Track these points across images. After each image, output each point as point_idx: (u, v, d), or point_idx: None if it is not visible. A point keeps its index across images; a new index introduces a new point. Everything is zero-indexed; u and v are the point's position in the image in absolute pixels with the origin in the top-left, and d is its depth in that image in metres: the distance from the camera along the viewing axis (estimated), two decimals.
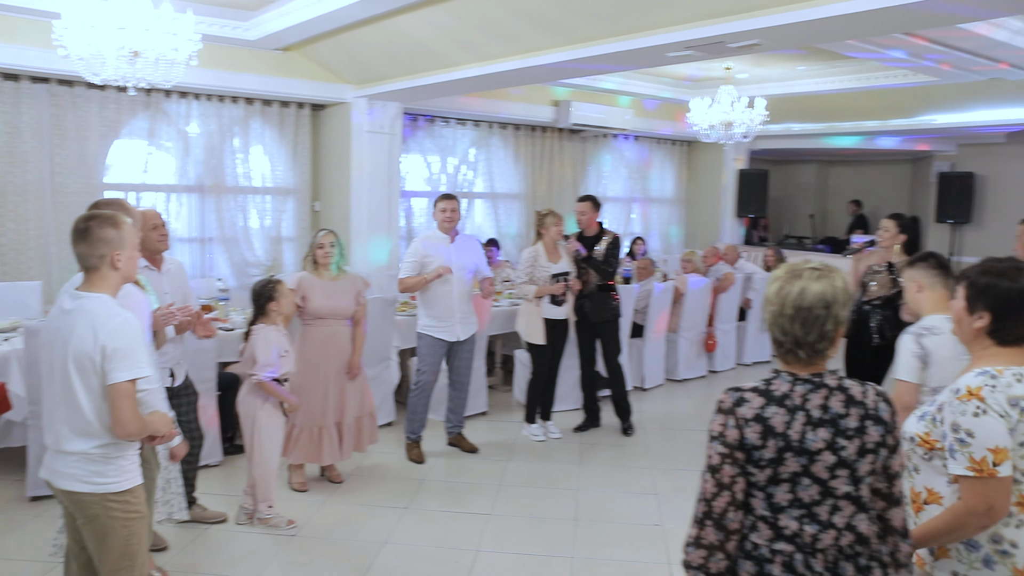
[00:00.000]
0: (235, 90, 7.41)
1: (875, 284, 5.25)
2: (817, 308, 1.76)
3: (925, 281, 3.21)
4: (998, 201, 10.83)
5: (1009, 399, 2.01)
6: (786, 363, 1.84)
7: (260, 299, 4.25)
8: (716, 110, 8.32)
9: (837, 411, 1.76)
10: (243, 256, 7.86)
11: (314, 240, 4.79)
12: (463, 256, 5.37)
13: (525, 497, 4.77)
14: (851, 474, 1.77)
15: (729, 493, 1.77)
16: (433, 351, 5.33)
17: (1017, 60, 7.14)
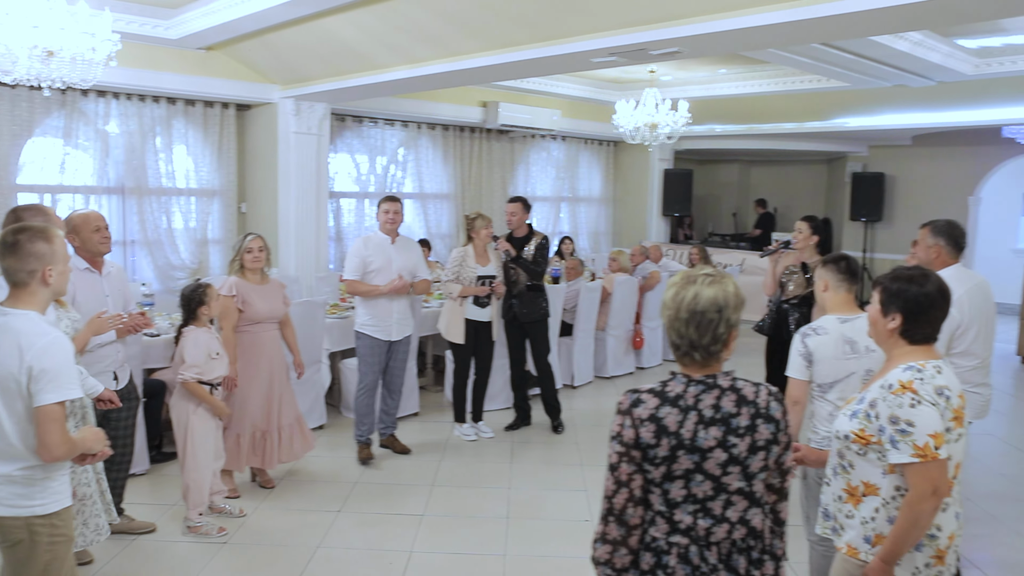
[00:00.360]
0: (156, 90, 7.24)
1: (792, 284, 5.47)
2: (710, 312, 1.87)
3: (832, 282, 3.41)
4: (906, 200, 11.40)
5: (936, 388, 2.20)
6: (683, 365, 1.94)
7: (190, 303, 4.22)
8: (641, 112, 8.53)
9: (728, 410, 1.87)
10: (167, 259, 7.69)
11: (241, 244, 4.73)
12: (404, 258, 5.41)
13: (458, 497, 4.84)
14: (743, 470, 1.88)
15: (627, 490, 1.87)
16: (372, 351, 5.35)
17: (918, 69, 7.54)
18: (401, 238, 5.48)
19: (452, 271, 5.74)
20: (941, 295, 2.31)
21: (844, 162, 12.07)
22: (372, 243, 5.37)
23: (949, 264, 3.78)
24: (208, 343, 4.17)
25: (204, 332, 4.18)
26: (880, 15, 4.14)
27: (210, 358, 4.16)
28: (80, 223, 3.96)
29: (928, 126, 9.46)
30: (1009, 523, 4.59)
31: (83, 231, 3.94)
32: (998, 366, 8.91)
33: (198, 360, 4.10)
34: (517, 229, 6.00)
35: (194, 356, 4.11)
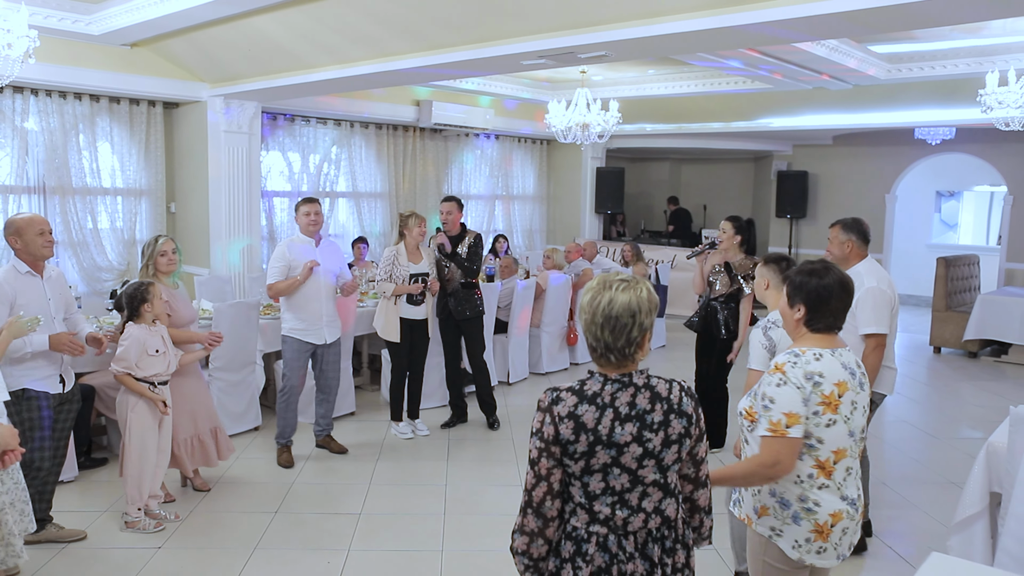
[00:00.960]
0: (78, 86, 7.06)
1: (719, 283, 5.65)
2: (624, 317, 1.97)
3: (773, 281, 3.60)
4: (828, 197, 11.86)
5: (806, 373, 2.38)
6: (600, 365, 2.05)
7: (133, 301, 4.19)
8: (573, 112, 8.67)
9: (643, 407, 1.97)
10: (94, 260, 7.51)
11: (154, 248, 4.57)
12: (328, 260, 5.40)
13: (395, 495, 4.88)
14: (657, 463, 1.99)
15: (546, 484, 1.97)
16: (299, 355, 5.33)
17: (836, 72, 7.87)
18: (324, 240, 5.45)
19: (385, 270, 5.77)
20: (841, 287, 2.49)
21: (770, 161, 12.48)
22: (295, 247, 5.30)
23: (863, 257, 4.03)
24: (145, 339, 4.14)
25: (141, 329, 4.16)
26: (799, 23, 4.34)
27: (146, 354, 4.13)
28: (23, 226, 3.91)
29: (846, 127, 9.88)
30: (922, 505, 4.87)
31: (26, 234, 3.89)
32: (913, 355, 9.38)
33: (128, 354, 4.10)
34: (451, 228, 6.05)
35: (123, 350, 4.11)
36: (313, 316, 5.28)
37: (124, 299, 4.25)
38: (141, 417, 4.16)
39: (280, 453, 5.37)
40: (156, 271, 4.55)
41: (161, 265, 4.55)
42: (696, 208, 13.53)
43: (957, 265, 9.72)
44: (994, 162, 10.64)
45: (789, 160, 12.23)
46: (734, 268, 5.58)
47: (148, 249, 4.59)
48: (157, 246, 4.56)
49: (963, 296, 9.74)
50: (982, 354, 9.35)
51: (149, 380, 4.16)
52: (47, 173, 7.22)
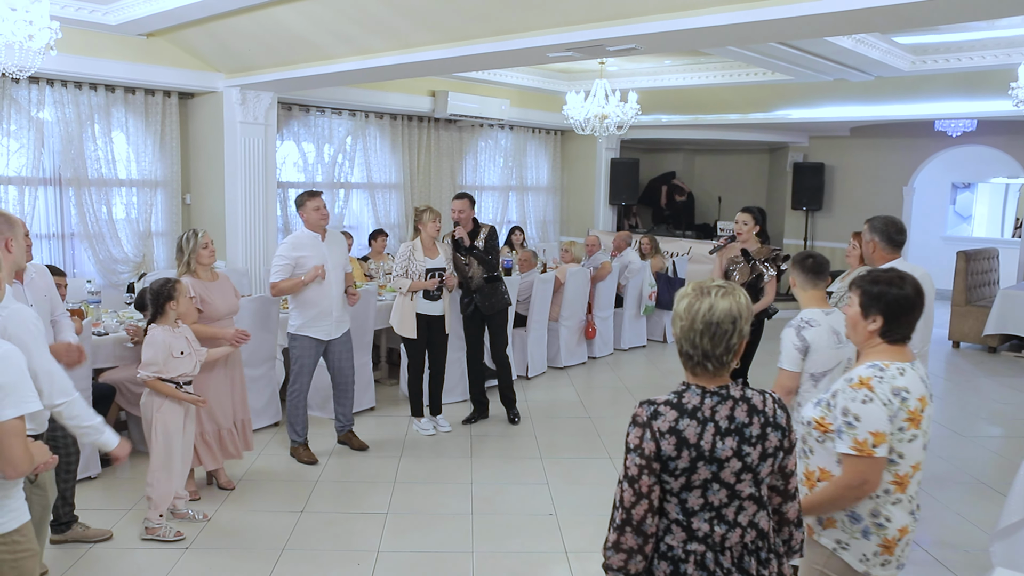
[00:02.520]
0: (94, 77, 6.98)
1: (737, 274, 5.59)
2: (725, 323, 1.92)
3: (799, 280, 3.55)
4: (845, 189, 11.75)
5: (892, 389, 2.29)
6: (694, 375, 1.99)
7: (159, 298, 4.10)
8: (591, 103, 8.57)
9: (742, 420, 1.94)
10: (110, 252, 7.45)
11: (195, 242, 4.54)
12: (337, 253, 5.32)
13: (420, 494, 4.83)
14: (754, 477, 1.95)
15: (647, 501, 1.92)
16: (309, 352, 5.25)
17: (859, 64, 7.76)
18: (330, 233, 5.36)
19: (400, 265, 5.69)
20: (918, 296, 2.41)
21: (786, 152, 12.36)
22: (302, 243, 5.19)
23: (888, 259, 3.92)
24: (169, 342, 4.07)
25: (167, 331, 4.09)
26: (834, 18, 4.26)
27: (171, 356, 4.06)
28: None
29: (866, 119, 9.76)
30: (951, 505, 4.81)
31: None
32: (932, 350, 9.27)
33: (155, 359, 4.02)
34: (465, 224, 5.96)
35: (150, 355, 4.03)
36: (322, 313, 5.20)
37: (149, 296, 4.16)
38: (168, 418, 4.10)
39: (297, 451, 5.32)
40: (199, 264, 4.51)
41: (204, 258, 4.53)
42: (711, 199, 13.41)
43: (977, 259, 9.63)
44: (1016, 154, 10.51)
45: (805, 152, 12.11)
46: (752, 254, 5.51)
47: (188, 244, 4.52)
48: (199, 240, 4.52)
49: (983, 290, 9.65)
50: (1002, 349, 9.27)
51: (175, 381, 4.09)
52: (63, 164, 7.16)
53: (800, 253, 3.69)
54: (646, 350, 9.00)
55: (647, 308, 8.95)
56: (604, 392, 7.29)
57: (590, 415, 6.51)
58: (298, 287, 5.12)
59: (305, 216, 5.22)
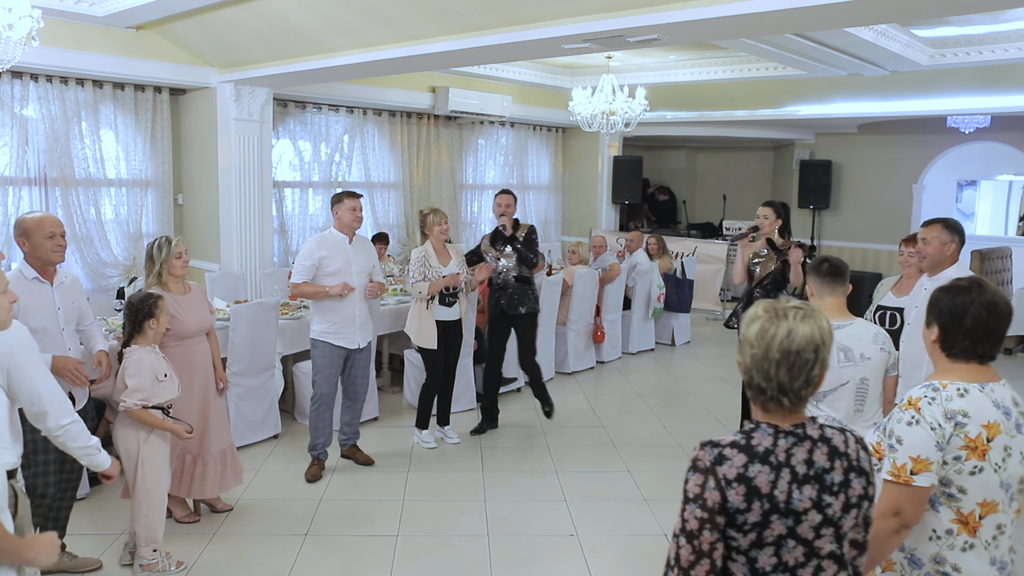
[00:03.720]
0: (80, 71, 6.64)
1: (760, 267, 5.37)
2: (806, 352, 1.64)
3: (816, 287, 3.28)
4: (853, 187, 11.50)
5: (946, 412, 2.02)
6: (766, 411, 1.71)
7: (137, 315, 3.72)
8: (598, 99, 8.30)
9: (822, 465, 1.65)
10: (98, 255, 7.12)
11: (168, 252, 4.10)
12: (363, 259, 5.04)
13: (432, 513, 4.54)
14: (835, 532, 1.66)
15: (708, 561, 1.63)
16: (332, 360, 4.95)
17: (877, 58, 7.51)
18: (357, 237, 5.08)
19: (418, 271, 5.37)
20: (986, 308, 2.11)
21: (791, 149, 12.11)
22: (329, 243, 4.92)
23: (956, 262, 3.72)
24: (153, 364, 3.70)
25: (148, 352, 3.72)
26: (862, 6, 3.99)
27: (156, 380, 3.69)
28: (32, 227, 3.56)
29: (878, 115, 9.50)
30: None
31: (34, 236, 3.54)
32: None
33: (143, 384, 3.63)
34: (509, 222, 5.76)
35: (138, 380, 3.63)
36: (346, 319, 4.91)
37: (126, 312, 3.79)
38: (156, 450, 3.73)
39: (311, 466, 5.01)
40: (170, 276, 4.11)
41: (177, 268, 4.12)
42: (714, 197, 13.15)
43: (991, 258, 9.38)
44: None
45: (812, 149, 11.85)
46: (776, 244, 5.28)
47: (161, 252, 4.09)
48: (172, 248, 4.10)
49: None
50: (1017, 350, 9.05)
51: (160, 407, 3.71)
52: (48, 163, 6.82)
53: (816, 259, 3.41)
54: (654, 354, 8.73)
55: (655, 310, 8.68)
56: (615, 399, 7.01)
57: (603, 424, 6.24)
58: (320, 296, 4.86)
59: (339, 215, 4.94)
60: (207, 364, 4.23)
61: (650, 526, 4.42)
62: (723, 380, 7.71)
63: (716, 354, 8.85)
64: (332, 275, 4.86)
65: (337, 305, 4.87)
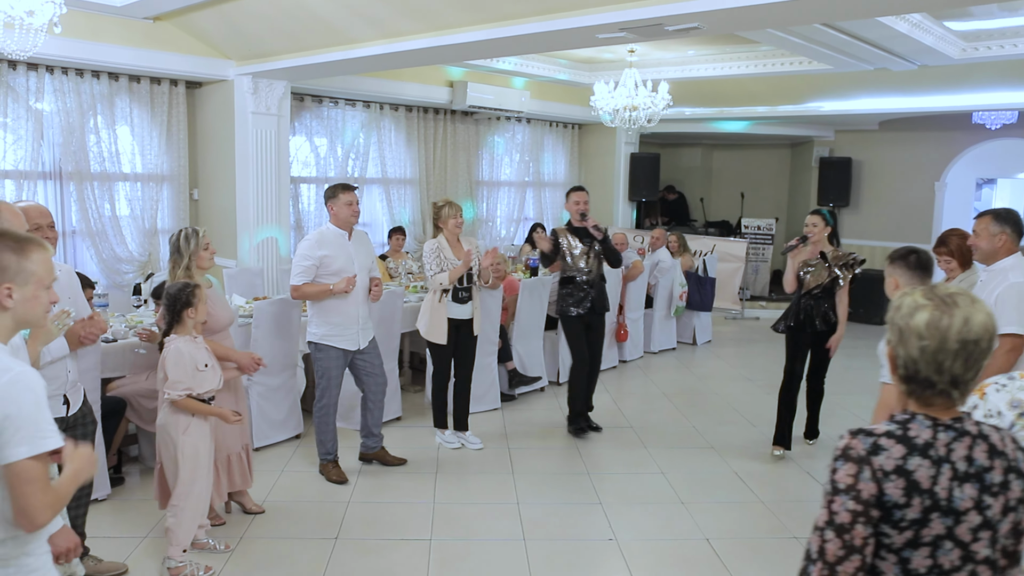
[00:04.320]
0: (96, 63, 6.50)
1: (810, 276, 5.37)
2: (984, 341, 1.53)
3: (902, 279, 3.13)
4: (873, 185, 11.35)
5: (1012, 401, 1.96)
6: (925, 404, 1.58)
7: (176, 305, 3.60)
8: (620, 94, 8.15)
9: (982, 463, 1.52)
10: (113, 251, 6.99)
11: (196, 243, 3.97)
12: (364, 254, 4.84)
13: (464, 517, 4.39)
14: (992, 536, 1.53)
15: (860, 557, 1.50)
16: (336, 363, 4.76)
17: (907, 52, 7.35)
18: (356, 232, 4.85)
19: (435, 262, 5.20)
20: None
21: (810, 146, 11.95)
22: (327, 240, 4.67)
23: (1012, 252, 3.58)
24: (192, 354, 3.59)
25: (187, 342, 3.61)
26: None
27: (196, 371, 3.57)
28: None
29: (903, 111, 9.35)
30: None
31: None
32: None
33: (182, 376, 3.53)
34: (578, 221, 5.65)
35: (176, 372, 3.53)
36: (348, 320, 4.70)
37: (165, 302, 3.66)
38: (196, 440, 3.60)
39: (328, 469, 4.85)
40: (198, 268, 3.97)
41: (204, 261, 4.00)
42: (731, 195, 12.99)
43: None
44: None
45: (831, 146, 11.70)
46: (829, 258, 5.31)
47: (189, 243, 3.96)
48: (200, 239, 3.97)
49: None
50: None
51: (201, 398, 3.60)
52: (63, 157, 6.69)
53: (900, 249, 3.27)
54: (676, 353, 8.58)
55: (677, 309, 8.53)
56: (640, 399, 6.86)
57: (631, 424, 6.09)
58: (324, 295, 4.63)
59: (335, 210, 4.71)
60: None
61: (689, 530, 4.27)
62: (748, 380, 7.56)
63: (738, 353, 8.70)
64: (334, 274, 4.63)
65: (339, 305, 4.66)
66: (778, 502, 4.65)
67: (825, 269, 5.29)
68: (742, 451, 5.54)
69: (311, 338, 4.79)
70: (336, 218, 4.73)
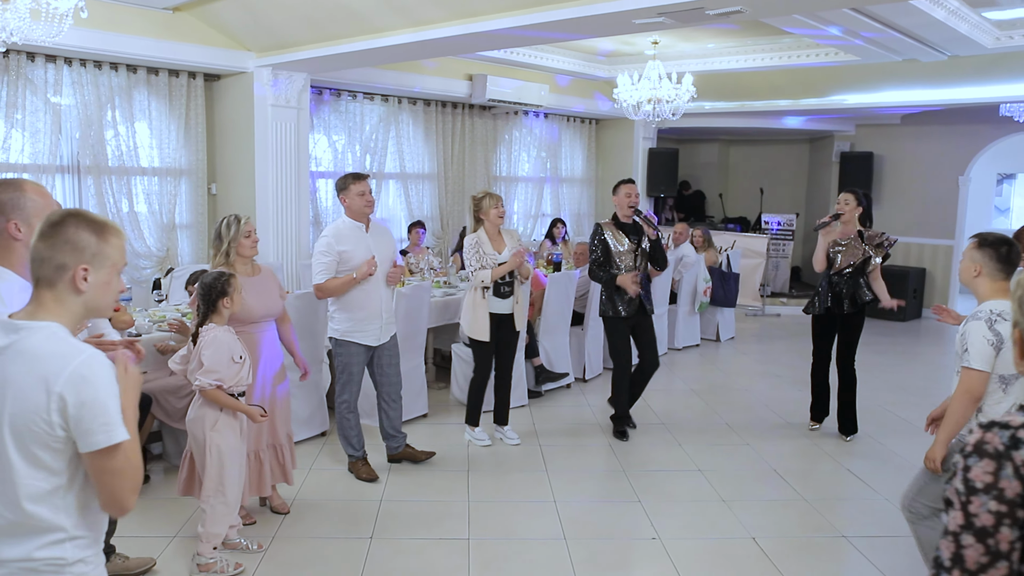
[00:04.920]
0: (114, 55, 6.39)
1: (841, 256, 5.33)
2: None
3: (987, 268, 2.98)
4: (895, 180, 11.18)
5: None
6: None
7: (211, 294, 3.50)
8: (644, 86, 8.01)
9: None
10: (131, 246, 6.87)
11: (236, 229, 3.87)
12: (384, 247, 4.68)
13: (501, 515, 4.26)
14: None
15: (1007, 564, 1.35)
16: (358, 360, 4.61)
17: (940, 40, 7.20)
18: (374, 224, 4.67)
19: (475, 259, 5.08)
20: None
21: (830, 141, 11.78)
22: (344, 235, 4.51)
23: None
24: (230, 344, 3.48)
25: (225, 331, 3.50)
26: None
27: (232, 362, 3.46)
28: None
29: (932, 103, 9.16)
30: None
31: None
32: None
33: (219, 364, 3.41)
34: (626, 216, 5.54)
35: (214, 359, 3.41)
36: (371, 314, 4.56)
37: (200, 291, 3.56)
38: (225, 436, 3.48)
39: (356, 467, 4.72)
40: (238, 256, 3.87)
41: (245, 248, 3.88)
42: (749, 192, 12.83)
43: None
44: None
45: (852, 140, 11.53)
46: (865, 237, 5.28)
47: (230, 230, 3.85)
48: (241, 227, 3.86)
49: None
50: None
51: (232, 392, 3.49)
52: (81, 151, 6.58)
53: (992, 235, 3.09)
54: (700, 349, 8.44)
55: (701, 305, 8.39)
56: (669, 396, 6.72)
57: (663, 421, 5.96)
58: (349, 286, 4.48)
59: (348, 202, 4.54)
60: (274, 353, 3.96)
61: (734, 528, 4.13)
62: (776, 376, 7.41)
63: (763, 350, 8.56)
64: (355, 270, 4.48)
65: (362, 299, 4.52)
66: (822, 500, 4.51)
67: (859, 248, 5.24)
68: (778, 448, 5.40)
69: (332, 334, 4.66)
70: (350, 210, 4.58)
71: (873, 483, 4.78)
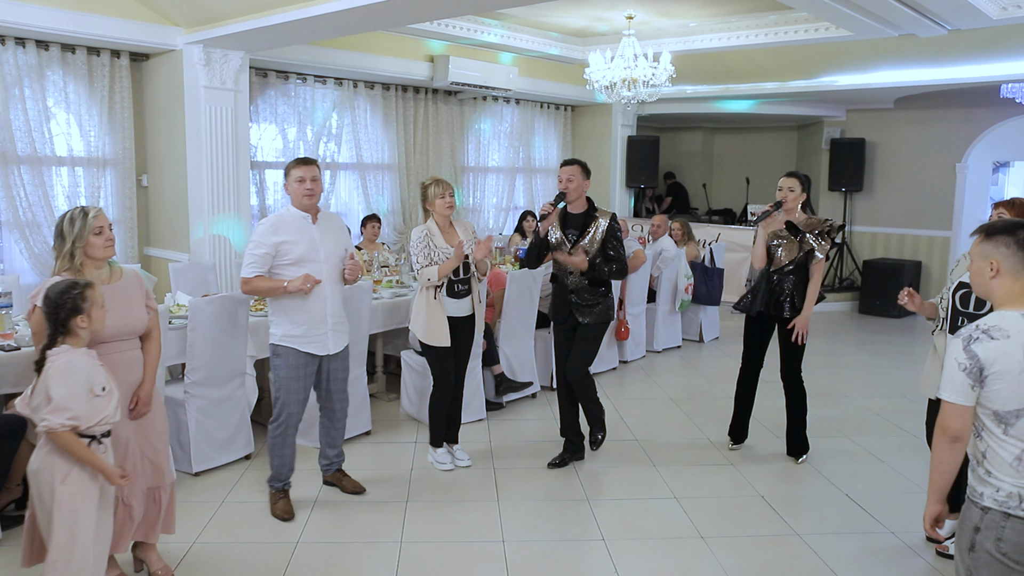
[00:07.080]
0: (21, 28, 5.65)
1: (782, 251, 4.63)
2: None
3: (1007, 263, 2.24)
4: (888, 168, 10.58)
5: None
6: None
7: (60, 311, 2.75)
8: (617, 65, 7.36)
9: None
10: (47, 243, 6.16)
11: (81, 225, 3.05)
12: (332, 240, 4.02)
13: (436, 558, 3.59)
14: None
15: None
16: (298, 371, 3.93)
17: (943, 10, 6.56)
18: (323, 214, 4.02)
19: (423, 254, 4.40)
20: None
21: (819, 127, 11.16)
22: (286, 225, 3.88)
23: None
24: (90, 372, 2.77)
25: (83, 355, 2.79)
26: None
27: (93, 395, 2.75)
28: None
29: (928, 83, 8.55)
30: None
31: None
32: None
33: (73, 396, 2.70)
34: (575, 202, 4.53)
35: (64, 393, 2.69)
36: (315, 318, 3.91)
37: (45, 309, 2.81)
38: (76, 492, 2.75)
39: (275, 500, 4.04)
40: (87, 258, 3.08)
41: (96, 249, 3.09)
42: (735, 182, 12.20)
43: None
44: None
45: (842, 127, 10.91)
46: (801, 227, 4.56)
47: (73, 226, 3.06)
48: (89, 221, 3.06)
49: None
50: None
51: (91, 433, 2.77)
52: None
53: (995, 223, 2.37)
54: (682, 352, 7.80)
55: (683, 303, 7.75)
56: (645, 405, 6.07)
57: (636, 437, 5.31)
58: (277, 292, 3.84)
59: (289, 190, 3.93)
60: (136, 379, 3.24)
61: (711, 571, 3.49)
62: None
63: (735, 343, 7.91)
64: (295, 264, 3.83)
65: (303, 302, 3.87)
66: (818, 536, 3.87)
67: (796, 243, 4.54)
68: (766, 468, 4.77)
69: (271, 339, 3.99)
70: (293, 198, 3.94)
71: (876, 511, 4.15)
